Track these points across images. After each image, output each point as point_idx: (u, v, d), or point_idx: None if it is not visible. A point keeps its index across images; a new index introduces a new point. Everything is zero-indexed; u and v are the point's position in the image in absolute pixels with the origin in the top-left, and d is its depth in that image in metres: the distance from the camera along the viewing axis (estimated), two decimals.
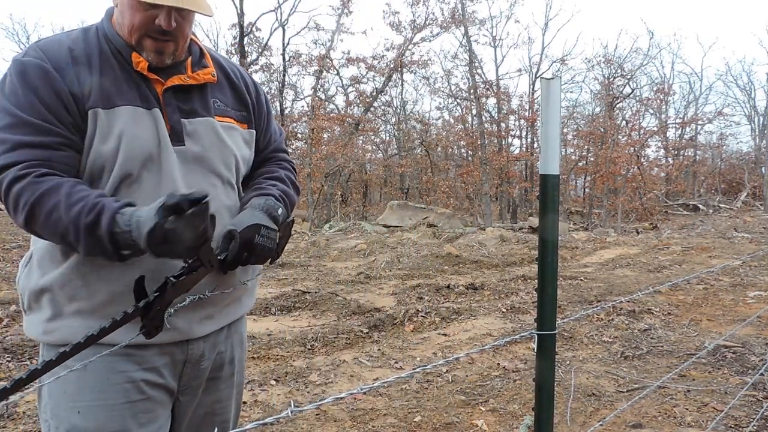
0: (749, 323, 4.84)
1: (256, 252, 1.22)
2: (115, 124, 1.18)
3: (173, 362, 1.27)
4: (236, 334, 1.44)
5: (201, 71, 1.31)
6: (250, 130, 1.41)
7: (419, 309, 5.44)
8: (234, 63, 1.48)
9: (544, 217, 1.41)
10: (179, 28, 1.20)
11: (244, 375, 1.50)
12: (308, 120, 20.16)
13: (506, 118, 24.80)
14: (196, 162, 1.27)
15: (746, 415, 3.15)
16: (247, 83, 1.44)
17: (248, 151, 1.41)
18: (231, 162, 1.33)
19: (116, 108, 1.19)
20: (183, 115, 1.26)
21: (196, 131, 1.27)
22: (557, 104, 1.37)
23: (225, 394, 1.41)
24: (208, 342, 1.33)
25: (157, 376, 1.25)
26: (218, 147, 1.30)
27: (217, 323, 1.34)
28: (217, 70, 1.37)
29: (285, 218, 1.36)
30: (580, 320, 5.04)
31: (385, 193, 27.80)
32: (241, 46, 18.60)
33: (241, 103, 1.40)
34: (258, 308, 5.61)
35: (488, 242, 10.51)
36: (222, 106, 1.34)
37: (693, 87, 35.62)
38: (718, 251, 9.58)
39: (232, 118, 1.36)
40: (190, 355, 1.29)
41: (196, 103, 1.29)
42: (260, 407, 3.32)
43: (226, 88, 1.38)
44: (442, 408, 3.33)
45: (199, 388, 1.34)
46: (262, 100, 1.46)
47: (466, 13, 20.97)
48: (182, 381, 1.30)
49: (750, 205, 22.98)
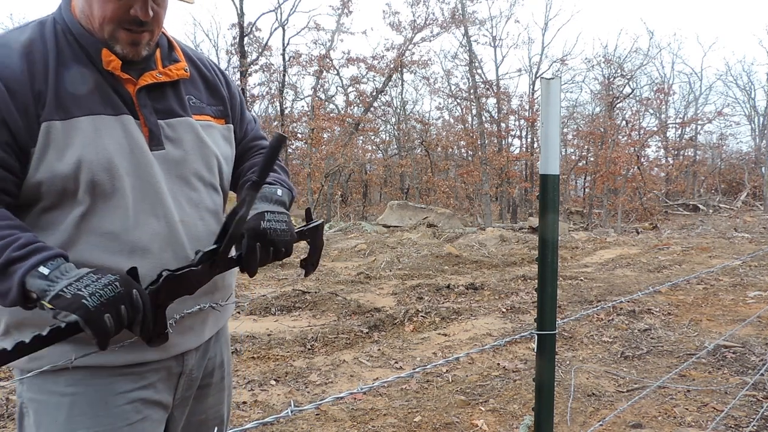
0: (749, 323, 4.84)
1: (268, 238, 1.12)
2: (73, 137, 1.05)
3: (169, 376, 1.20)
4: (223, 337, 1.38)
5: (173, 66, 1.20)
6: (228, 125, 1.31)
7: (419, 309, 5.44)
8: (201, 53, 1.37)
9: (544, 217, 1.41)
10: (156, 17, 1.09)
11: (231, 375, 1.45)
12: (308, 120, 20.18)
13: (506, 118, 24.81)
14: (178, 166, 1.17)
15: (746, 415, 3.15)
16: (218, 74, 1.34)
17: (229, 148, 1.31)
18: (213, 163, 1.24)
19: (75, 119, 1.05)
20: (160, 116, 1.16)
21: (175, 133, 1.17)
22: (557, 104, 1.37)
23: (217, 398, 1.36)
24: (200, 350, 1.27)
25: (154, 392, 1.17)
26: (199, 148, 1.21)
27: (211, 329, 1.29)
28: (188, 64, 1.25)
29: (290, 199, 1.28)
30: (580, 320, 5.04)
31: (385, 193, 27.82)
32: (241, 46, 18.61)
33: (216, 98, 1.30)
34: (258, 308, 5.62)
35: (488, 242, 10.51)
36: (198, 103, 1.25)
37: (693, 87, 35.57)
38: (718, 251, 9.58)
39: (208, 116, 1.26)
40: (186, 367, 1.23)
41: (171, 101, 1.19)
42: (260, 407, 3.32)
43: (198, 82, 1.28)
44: (442, 408, 3.33)
45: (191, 398, 1.28)
46: (234, 91, 1.37)
47: (466, 13, 20.99)
48: (177, 394, 1.23)
49: (750, 205, 22.97)
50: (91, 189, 1.06)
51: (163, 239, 1.12)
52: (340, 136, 22.13)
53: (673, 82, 28.36)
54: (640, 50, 32.23)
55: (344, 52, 31.31)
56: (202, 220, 1.20)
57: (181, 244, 1.14)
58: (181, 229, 1.15)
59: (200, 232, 1.18)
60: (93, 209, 1.07)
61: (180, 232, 1.15)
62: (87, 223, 1.07)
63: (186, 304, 1.12)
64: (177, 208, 1.15)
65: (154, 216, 1.12)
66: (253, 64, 19.53)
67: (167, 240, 1.13)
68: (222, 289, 1.26)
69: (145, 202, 1.11)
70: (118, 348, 1.07)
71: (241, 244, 1.12)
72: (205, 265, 1.07)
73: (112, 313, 0.92)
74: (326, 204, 21.91)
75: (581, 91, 40.69)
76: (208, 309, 1.21)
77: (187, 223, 1.17)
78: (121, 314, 0.93)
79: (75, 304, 0.89)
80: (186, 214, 1.17)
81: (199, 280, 1.07)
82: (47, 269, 0.94)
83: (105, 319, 0.91)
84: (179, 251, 1.13)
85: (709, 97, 43.44)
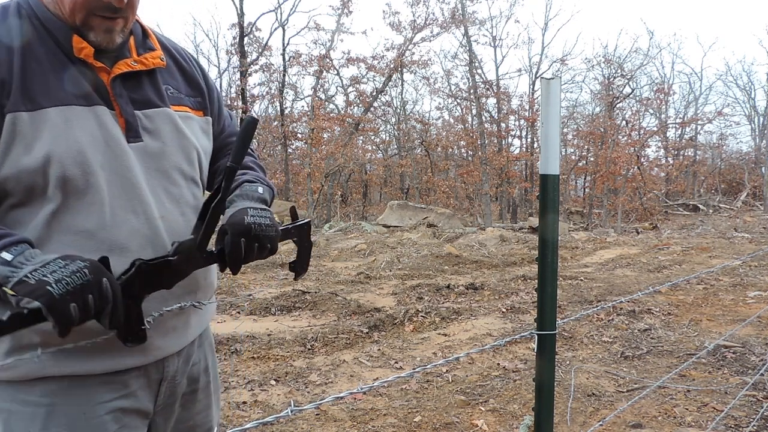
0: (749, 323, 4.84)
1: (253, 233, 1.07)
2: (42, 129, 0.98)
3: (149, 383, 1.13)
4: (206, 340, 1.32)
5: (148, 54, 1.14)
6: (207, 118, 1.26)
7: (419, 309, 5.44)
8: (177, 43, 1.31)
9: (544, 217, 1.41)
10: (130, 2, 1.04)
11: (218, 379, 1.39)
12: (308, 120, 20.18)
13: (506, 118, 24.82)
14: (157, 159, 1.11)
15: (746, 415, 3.15)
16: (195, 65, 1.28)
17: (207, 141, 1.25)
18: (193, 156, 1.18)
19: (43, 110, 0.98)
20: (136, 106, 1.10)
21: (153, 124, 1.11)
22: (557, 104, 1.37)
23: (204, 404, 1.30)
24: (182, 356, 1.20)
25: (134, 401, 1.11)
26: (178, 140, 1.15)
27: (193, 333, 1.22)
28: (164, 53, 1.20)
29: (271, 197, 1.24)
30: (580, 320, 5.04)
31: (385, 193, 27.82)
32: (241, 46, 18.62)
33: (194, 89, 1.24)
34: (258, 308, 5.62)
35: (488, 242, 10.51)
36: (175, 94, 1.18)
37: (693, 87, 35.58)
38: (718, 251, 9.58)
39: (187, 107, 1.20)
40: (167, 372, 1.16)
41: (148, 91, 1.13)
42: (260, 407, 3.33)
43: (175, 72, 1.22)
44: (442, 408, 3.33)
45: (175, 404, 1.22)
46: (211, 84, 1.31)
47: (466, 13, 20.99)
48: (158, 401, 1.17)
49: (750, 205, 22.98)
50: (62, 185, 1.00)
51: (143, 237, 1.06)
52: (340, 136, 22.13)
53: (673, 82, 28.40)
54: (640, 50, 32.28)
55: (344, 52, 31.36)
56: (183, 216, 1.14)
57: (161, 241, 1.08)
58: (161, 225, 1.09)
59: (181, 229, 1.12)
60: (65, 206, 1.01)
61: (160, 229, 1.09)
62: (59, 221, 1.01)
63: (167, 303, 1.07)
64: (156, 204, 1.09)
65: (132, 212, 1.06)
66: (253, 64, 19.54)
67: (147, 237, 1.07)
68: (204, 288, 1.21)
69: (122, 198, 1.05)
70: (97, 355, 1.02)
71: (224, 240, 1.07)
72: (182, 256, 1.01)
73: (78, 302, 0.85)
74: (326, 204, 21.92)
75: (581, 91, 40.73)
76: (190, 309, 1.15)
77: (168, 219, 1.11)
78: (87, 303, 0.87)
79: (39, 291, 0.83)
80: (166, 209, 1.11)
81: (176, 272, 1.01)
82: (10, 255, 0.89)
83: (70, 308, 0.85)
84: (160, 249, 1.07)
85: (709, 97, 43.52)
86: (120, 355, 1.05)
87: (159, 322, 1.05)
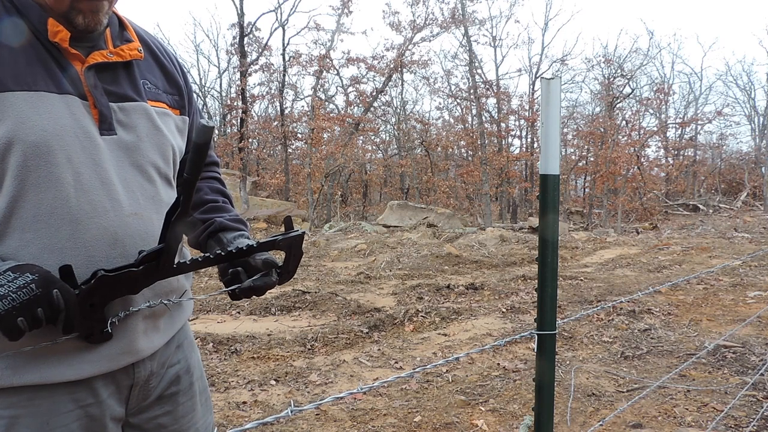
0: (749, 323, 4.84)
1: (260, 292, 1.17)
2: (4, 113, 0.92)
3: (118, 389, 1.07)
4: (186, 340, 1.26)
5: (125, 46, 1.09)
6: (183, 117, 1.20)
7: (419, 309, 5.44)
8: (157, 38, 1.26)
9: (544, 217, 1.41)
10: None
11: (204, 378, 1.32)
12: (308, 120, 20.18)
13: (506, 118, 24.83)
14: (131, 154, 1.05)
15: (746, 415, 3.15)
16: (174, 63, 1.23)
17: (182, 141, 1.19)
18: (169, 154, 1.13)
19: (9, 93, 0.92)
20: (111, 98, 1.04)
21: (128, 118, 1.06)
22: (557, 104, 1.37)
23: (188, 406, 1.22)
24: (155, 359, 1.13)
25: (104, 408, 1.05)
26: (155, 137, 1.10)
27: (165, 335, 1.15)
28: (143, 46, 1.14)
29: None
30: (580, 320, 5.05)
31: (385, 193, 27.83)
32: (241, 46, 18.61)
33: (173, 86, 1.19)
34: (258, 308, 5.62)
35: (488, 242, 10.51)
36: (153, 89, 1.13)
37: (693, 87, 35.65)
38: (718, 251, 9.58)
39: (164, 103, 1.15)
40: (137, 378, 1.09)
41: (124, 84, 1.07)
42: (260, 407, 3.33)
43: (154, 67, 1.17)
44: (442, 408, 3.33)
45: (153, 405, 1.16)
46: (190, 84, 1.27)
47: (466, 13, 21.00)
48: (129, 405, 1.11)
49: (750, 205, 22.98)
50: (21, 175, 0.93)
51: (111, 236, 1.00)
52: (340, 136, 22.15)
53: (673, 82, 28.44)
54: (640, 50, 32.29)
55: (344, 52, 31.39)
56: (158, 214, 1.06)
57: (132, 240, 1.02)
58: (133, 223, 1.03)
59: (156, 228, 1.04)
60: (24, 199, 0.94)
61: (131, 227, 1.03)
62: (18, 216, 0.94)
63: (135, 304, 1.03)
64: (129, 200, 1.03)
65: (101, 209, 0.99)
66: (253, 64, 19.52)
67: (115, 236, 1.00)
68: (177, 290, 1.16)
69: (89, 194, 0.98)
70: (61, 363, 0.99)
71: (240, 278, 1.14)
72: (149, 266, 0.96)
73: (26, 316, 0.85)
74: (326, 204, 21.93)
75: (581, 91, 40.75)
76: (160, 311, 1.11)
77: (142, 216, 1.05)
78: (36, 316, 0.86)
79: None
80: (140, 206, 1.05)
81: (140, 281, 0.97)
82: None
83: (17, 322, 0.84)
84: (129, 248, 1.01)
85: (709, 97, 43.46)
86: (85, 362, 1.00)
87: (125, 326, 1.02)
